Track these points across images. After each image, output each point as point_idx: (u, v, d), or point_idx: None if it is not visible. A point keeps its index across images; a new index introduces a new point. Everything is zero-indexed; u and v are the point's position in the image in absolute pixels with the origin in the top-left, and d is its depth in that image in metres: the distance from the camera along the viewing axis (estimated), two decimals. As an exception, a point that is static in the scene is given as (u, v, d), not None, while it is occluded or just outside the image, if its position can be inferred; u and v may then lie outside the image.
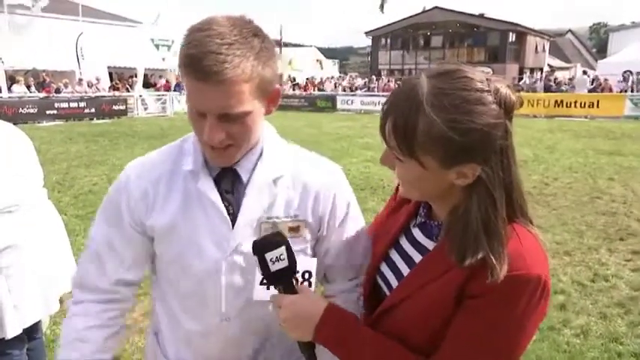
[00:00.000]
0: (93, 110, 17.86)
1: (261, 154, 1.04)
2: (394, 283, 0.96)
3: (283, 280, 0.92)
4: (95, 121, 17.35)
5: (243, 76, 0.86)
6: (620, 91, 18.98)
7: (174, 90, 22.06)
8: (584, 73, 22.65)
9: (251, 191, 1.01)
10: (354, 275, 1.12)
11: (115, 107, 18.72)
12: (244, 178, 1.02)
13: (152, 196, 1.03)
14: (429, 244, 0.93)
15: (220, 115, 0.89)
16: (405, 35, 39.87)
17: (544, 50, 41.30)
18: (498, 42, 35.69)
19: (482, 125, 0.79)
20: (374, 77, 26.85)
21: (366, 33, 42.02)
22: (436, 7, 36.63)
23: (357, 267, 1.11)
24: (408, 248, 0.97)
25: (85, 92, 18.85)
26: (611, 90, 19.19)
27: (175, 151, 1.07)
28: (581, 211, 5.83)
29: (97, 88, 19.72)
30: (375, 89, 23.99)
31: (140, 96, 20.04)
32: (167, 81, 23.48)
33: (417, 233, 0.97)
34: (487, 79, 0.82)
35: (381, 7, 27.49)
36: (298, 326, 0.90)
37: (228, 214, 1.00)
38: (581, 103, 18.28)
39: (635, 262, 4.33)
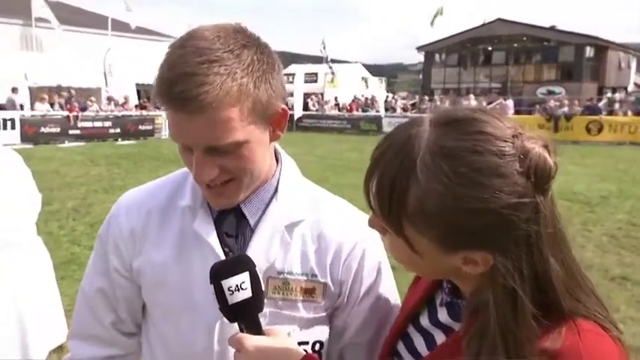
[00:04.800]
0: (118, 130, 18.57)
1: (275, 193, 1.00)
2: None
3: (245, 315, 0.85)
4: (120, 142, 17.91)
5: (228, 100, 0.82)
6: None
7: None
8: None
9: (259, 237, 0.97)
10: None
11: (142, 127, 19.38)
12: (251, 221, 0.99)
13: (140, 234, 1.02)
14: (455, 325, 0.85)
15: (207, 147, 0.86)
16: (463, 50, 39.88)
17: (629, 67, 40.15)
18: (573, 58, 35.10)
19: (498, 207, 0.67)
20: (426, 97, 26.92)
21: (418, 48, 42.31)
22: (499, 19, 36.54)
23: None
24: (430, 326, 0.90)
25: (111, 111, 19.63)
26: None
27: (176, 181, 1.05)
28: (684, 258, 5.47)
29: (122, 107, 20.46)
30: (427, 110, 23.87)
31: None
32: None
33: (442, 314, 0.88)
34: (515, 135, 0.69)
35: (432, 22, 27.51)
36: None
37: None
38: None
39: None
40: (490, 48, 38.95)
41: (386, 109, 25.39)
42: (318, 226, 1.01)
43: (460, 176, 0.67)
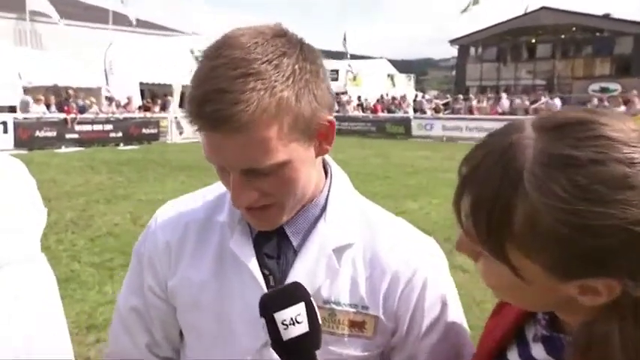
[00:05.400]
0: (120, 134, 18.74)
1: (323, 211, 1.00)
2: None
3: (301, 353, 0.83)
4: (122, 146, 18.13)
5: (265, 118, 0.82)
6: None
7: None
8: None
9: (303, 261, 0.98)
10: None
11: (145, 131, 19.55)
12: (295, 242, 1.00)
13: (176, 249, 1.04)
14: None
15: (245, 170, 0.87)
16: (502, 43, 39.63)
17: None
18: (631, 49, 34.50)
19: (627, 223, 0.62)
20: (460, 96, 26.83)
21: (451, 41, 42.17)
22: (543, 8, 36.18)
23: None
24: None
25: (112, 113, 19.86)
26: None
27: (215, 194, 1.08)
28: None
29: (124, 108, 20.61)
30: (462, 111, 23.75)
31: (175, 118, 20.57)
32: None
33: (537, 350, 0.83)
34: None
35: (465, 10, 27.28)
36: None
37: (268, 285, 0.98)
38: None
39: None
40: (534, 40, 38.61)
41: (415, 110, 25.28)
42: (371, 250, 1.00)
43: (580, 189, 0.63)
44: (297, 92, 0.84)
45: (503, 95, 25.24)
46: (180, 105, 22.08)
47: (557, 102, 23.80)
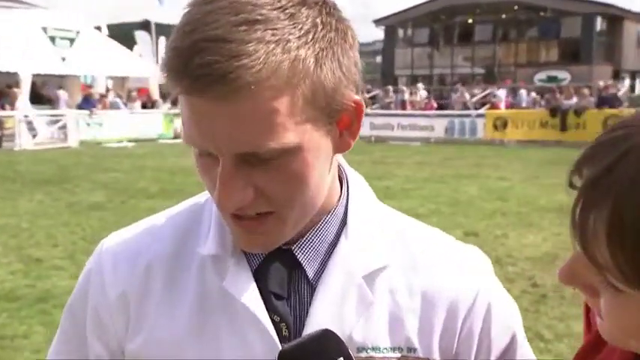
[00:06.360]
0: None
1: (343, 227, 1.00)
2: None
3: None
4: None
5: (275, 82, 0.79)
6: None
7: (81, 107, 22.22)
8: None
9: (325, 296, 0.97)
10: None
11: (-15, 134, 18.62)
12: (310, 271, 0.98)
13: (136, 300, 1.01)
14: None
15: (240, 155, 0.83)
16: (435, 24, 40.68)
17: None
18: (580, 32, 36.63)
19: None
20: (390, 88, 27.45)
21: (376, 21, 42.81)
22: (480, -18, 37.32)
23: None
24: None
25: None
26: None
27: (186, 216, 1.06)
28: None
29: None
30: (392, 105, 24.09)
31: (25, 116, 20.31)
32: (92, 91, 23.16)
33: None
34: None
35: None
36: None
37: (280, 337, 0.96)
38: None
39: None
40: (471, 21, 40.05)
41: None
42: (412, 273, 1.01)
43: None
44: (318, 54, 0.81)
45: (458, 87, 25.80)
46: (33, 100, 21.34)
47: (502, 93, 24.61)
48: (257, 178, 0.85)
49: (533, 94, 24.87)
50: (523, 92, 24.96)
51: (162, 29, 27.10)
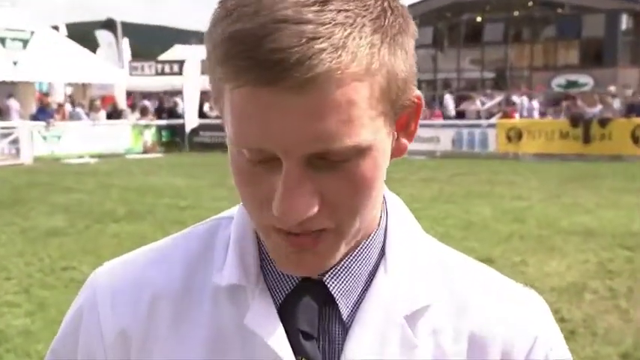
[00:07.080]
0: None
1: (381, 256, 1.00)
2: None
3: None
4: None
5: (357, 69, 0.78)
6: None
7: (36, 118, 22.41)
8: None
9: (361, 338, 0.96)
10: None
11: None
12: (343, 308, 0.97)
13: (139, 339, 1.01)
14: None
15: (308, 157, 0.81)
16: (439, 23, 40.84)
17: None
18: (603, 31, 36.74)
19: None
20: None
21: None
22: (491, -23, 37.66)
23: None
24: None
25: None
26: None
27: (196, 242, 1.06)
28: None
29: None
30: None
31: None
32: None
33: None
34: None
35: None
36: None
37: None
38: None
39: None
40: (479, 19, 40.25)
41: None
42: (461, 313, 1.00)
43: None
44: (390, 41, 0.81)
45: (447, 97, 25.84)
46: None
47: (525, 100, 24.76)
48: (324, 184, 0.83)
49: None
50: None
51: (129, 29, 27.06)
